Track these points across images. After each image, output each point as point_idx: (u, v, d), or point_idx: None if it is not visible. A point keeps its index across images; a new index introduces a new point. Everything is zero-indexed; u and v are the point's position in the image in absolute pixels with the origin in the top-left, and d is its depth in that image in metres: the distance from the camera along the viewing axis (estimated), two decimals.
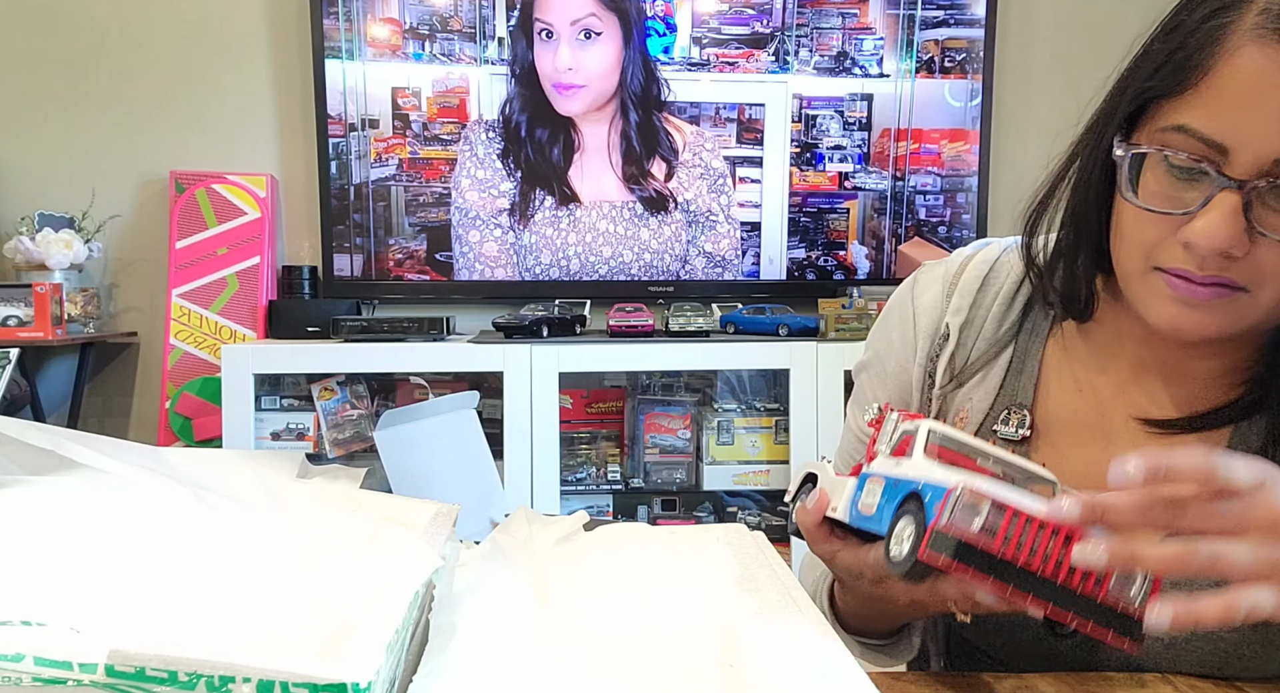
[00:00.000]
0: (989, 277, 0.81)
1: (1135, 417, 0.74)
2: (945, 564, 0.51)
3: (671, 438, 2.41)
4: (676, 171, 2.52)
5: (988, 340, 0.80)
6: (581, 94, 2.47)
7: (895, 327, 0.86)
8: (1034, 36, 2.63)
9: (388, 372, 2.39)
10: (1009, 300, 0.80)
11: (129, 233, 2.54)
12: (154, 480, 0.53)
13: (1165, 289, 0.64)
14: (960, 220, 2.59)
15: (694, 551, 0.65)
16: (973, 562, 0.51)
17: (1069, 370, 0.78)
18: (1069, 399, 0.77)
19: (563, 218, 2.50)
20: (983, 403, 0.79)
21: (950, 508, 0.52)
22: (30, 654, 0.35)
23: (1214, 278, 0.62)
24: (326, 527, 0.54)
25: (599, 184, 2.51)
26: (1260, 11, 0.58)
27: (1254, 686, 0.61)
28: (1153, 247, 0.64)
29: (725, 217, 2.55)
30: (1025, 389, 0.78)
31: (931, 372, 0.82)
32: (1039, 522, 0.51)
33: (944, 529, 0.51)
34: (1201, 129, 0.60)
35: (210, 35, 2.51)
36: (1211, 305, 0.63)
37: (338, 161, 2.44)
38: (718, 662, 0.47)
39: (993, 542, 0.51)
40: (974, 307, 0.80)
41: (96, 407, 2.59)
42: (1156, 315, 0.66)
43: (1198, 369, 0.73)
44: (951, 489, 0.52)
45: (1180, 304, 0.64)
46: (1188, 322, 0.64)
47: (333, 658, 0.36)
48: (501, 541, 0.63)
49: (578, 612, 0.53)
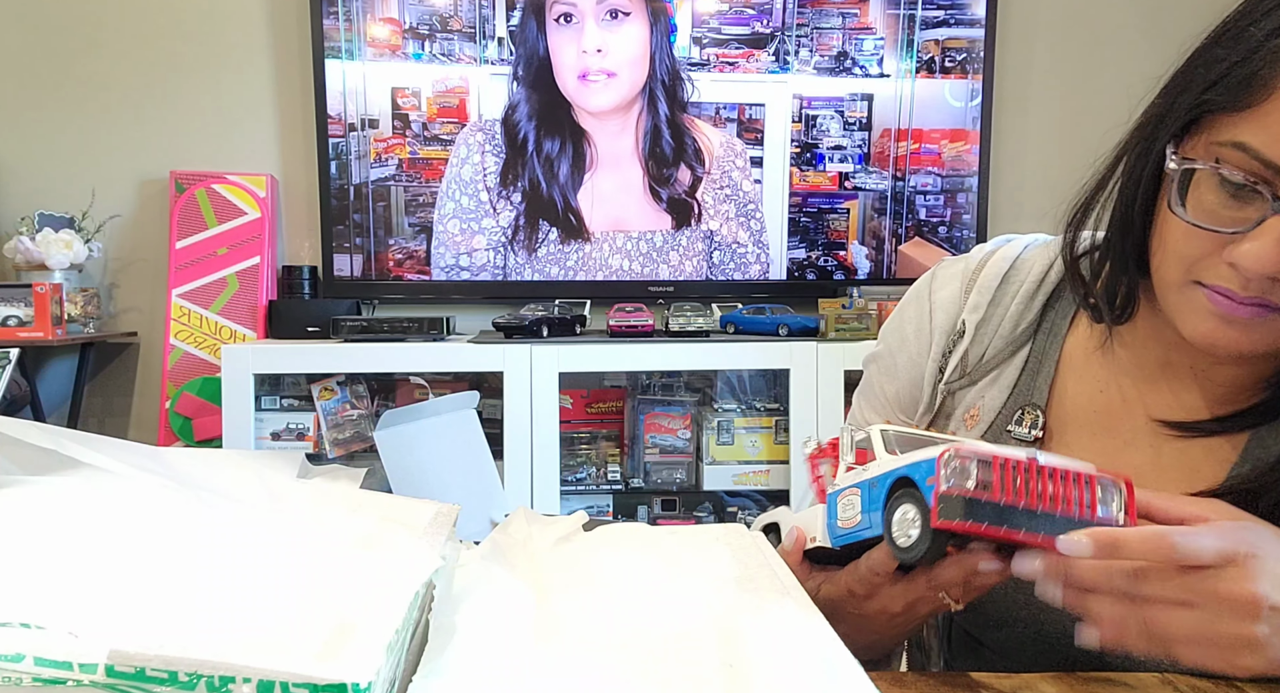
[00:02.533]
0: (1009, 274, 0.81)
1: (1154, 418, 0.74)
2: (960, 527, 0.53)
3: (671, 438, 2.41)
4: (702, 192, 2.49)
5: (1004, 338, 0.79)
6: (612, 86, 2.43)
7: (911, 321, 0.85)
8: (1034, 36, 2.63)
9: (388, 372, 2.39)
10: (1028, 299, 0.79)
11: (129, 233, 2.54)
12: (154, 481, 0.53)
13: (1206, 304, 0.64)
14: (960, 220, 2.59)
15: (693, 551, 0.65)
16: (985, 517, 0.53)
17: (1089, 371, 0.77)
18: (1088, 399, 0.76)
19: (570, 254, 2.48)
20: (995, 402, 0.79)
21: (946, 473, 0.53)
22: (30, 654, 0.35)
23: (1256, 299, 0.61)
24: (326, 527, 0.54)
25: (612, 210, 2.48)
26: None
27: (1254, 686, 0.61)
28: (1196, 261, 0.64)
29: (755, 242, 2.52)
30: (1040, 390, 0.78)
31: (943, 367, 0.81)
32: (1022, 465, 0.53)
33: (948, 493, 0.53)
34: (1262, 149, 0.59)
35: (210, 35, 2.52)
36: (1250, 324, 0.63)
37: (338, 162, 2.44)
38: (717, 662, 0.47)
39: (991, 493, 0.53)
40: (992, 304, 0.80)
41: (96, 407, 2.59)
42: (1193, 329, 0.65)
43: (1224, 376, 0.72)
44: (940, 456, 0.53)
45: (1219, 320, 0.63)
46: (1224, 338, 0.64)
47: (333, 658, 0.36)
48: (501, 541, 0.63)
49: (577, 612, 0.53)
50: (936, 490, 0.53)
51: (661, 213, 2.50)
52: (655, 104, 2.46)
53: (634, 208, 2.50)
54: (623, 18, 2.41)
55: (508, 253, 2.48)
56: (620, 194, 2.49)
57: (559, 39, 2.42)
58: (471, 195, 2.47)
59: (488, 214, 2.47)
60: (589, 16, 2.40)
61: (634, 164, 2.48)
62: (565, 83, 2.44)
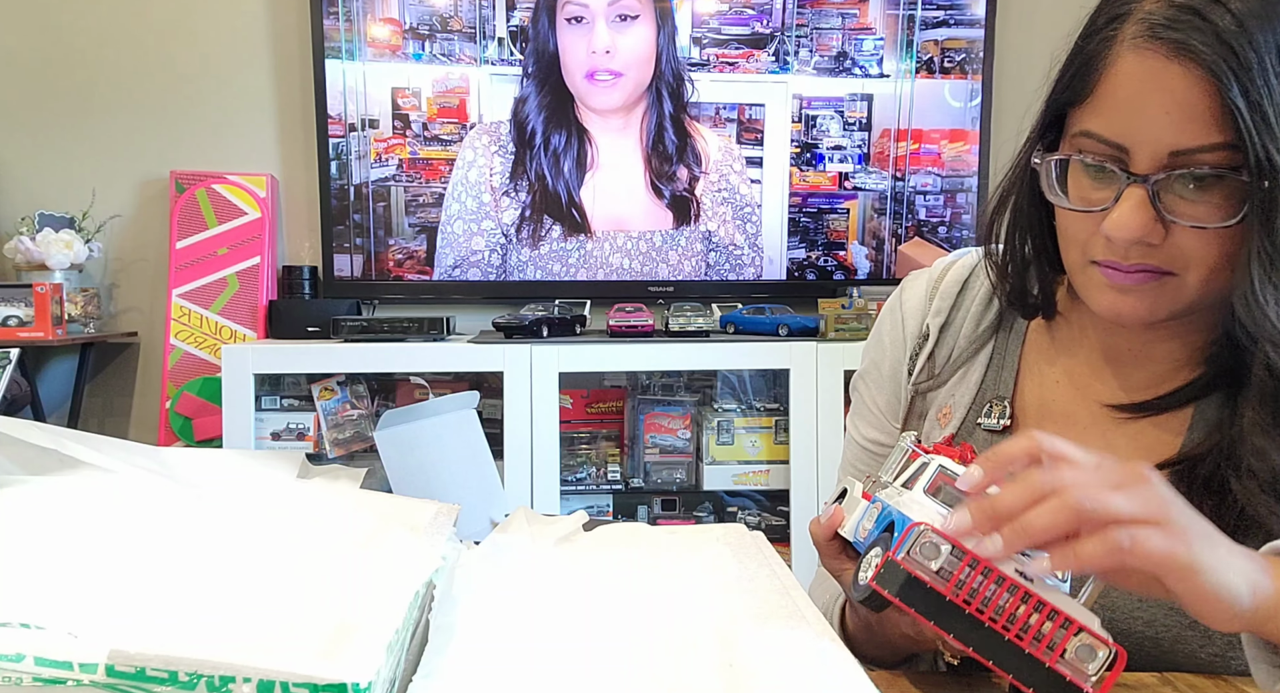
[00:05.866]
0: (969, 280, 0.87)
1: (1104, 403, 0.78)
2: (892, 600, 0.51)
3: (671, 438, 2.41)
4: (701, 192, 2.50)
5: (968, 338, 0.85)
6: (619, 85, 2.44)
7: (887, 332, 0.90)
8: (1034, 36, 2.63)
9: (388, 372, 2.38)
10: (987, 301, 0.85)
11: (129, 233, 2.54)
12: (154, 481, 0.53)
13: (1101, 279, 0.70)
14: (960, 220, 2.59)
15: (693, 551, 0.65)
16: (917, 601, 0.50)
17: (1044, 364, 0.82)
18: (1046, 391, 0.82)
19: (572, 251, 2.49)
20: (965, 397, 0.83)
21: (909, 543, 0.51)
22: (31, 654, 0.35)
23: (1139, 265, 0.68)
24: (326, 527, 0.54)
25: (613, 208, 2.49)
26: (1137, 22, 0.65)
27: (1253, 685, 0.61)
28: (1085, 242, 0.70)
29: (750, 245, 2.53)
30: (1005, 382, 0.83)
31: (911, 370, 0.87)
32: (999, 573, 0.50)
33: (898, 562, 0.51)
34: (1102, 132, 0.67)
35: (210, 35, 2.51)
36: (1142, 290, 0.69)
37: (338, 162, 2.44)
38: (717, 662, 0.47)
39: (945, 584, 0.50)
40: (954, 309, 0.86)
41: (96, 407, 2.59)
42: (1097, 303, 0.71)
43: (1160, 353, 0.77)
44: (914, 525, 0.52)
45: (1115, 291, 0.70)
46: (1124, 306, 0.70)
47: (333, 658, 0.36)
48: (501, 541, 0.64)
49: (577, 612, 0.53)
50: (890, 554, 0.52)
51: (662, 209, 2.50)
52: (660, 103, 2.47)
53: (635, 206, 2.50)
54: (631, 20, 2.42)
55: (508, 252, 2.48)
56: (621, 192, 2.49)
57: (569, 38, 2.42)
58: (475, 196, 2.47)
59: (489, 216, 2.47)
60: (599, 19, 2.40)
61: (636, 161, 2.49)
62: (573, 81, 2.44)
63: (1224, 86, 0.61)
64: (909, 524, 0.52)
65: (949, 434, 0.82)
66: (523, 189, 2.46)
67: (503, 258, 2.49)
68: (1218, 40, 0.62)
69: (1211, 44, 0.62)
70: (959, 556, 0.51)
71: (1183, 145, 0.63)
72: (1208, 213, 0.65)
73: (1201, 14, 0.62)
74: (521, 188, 2.46)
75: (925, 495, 0.57)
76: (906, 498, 0.58)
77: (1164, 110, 0.63)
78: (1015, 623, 0.50)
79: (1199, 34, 0.62)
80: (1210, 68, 0.61)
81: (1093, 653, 0.50)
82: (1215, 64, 0.61)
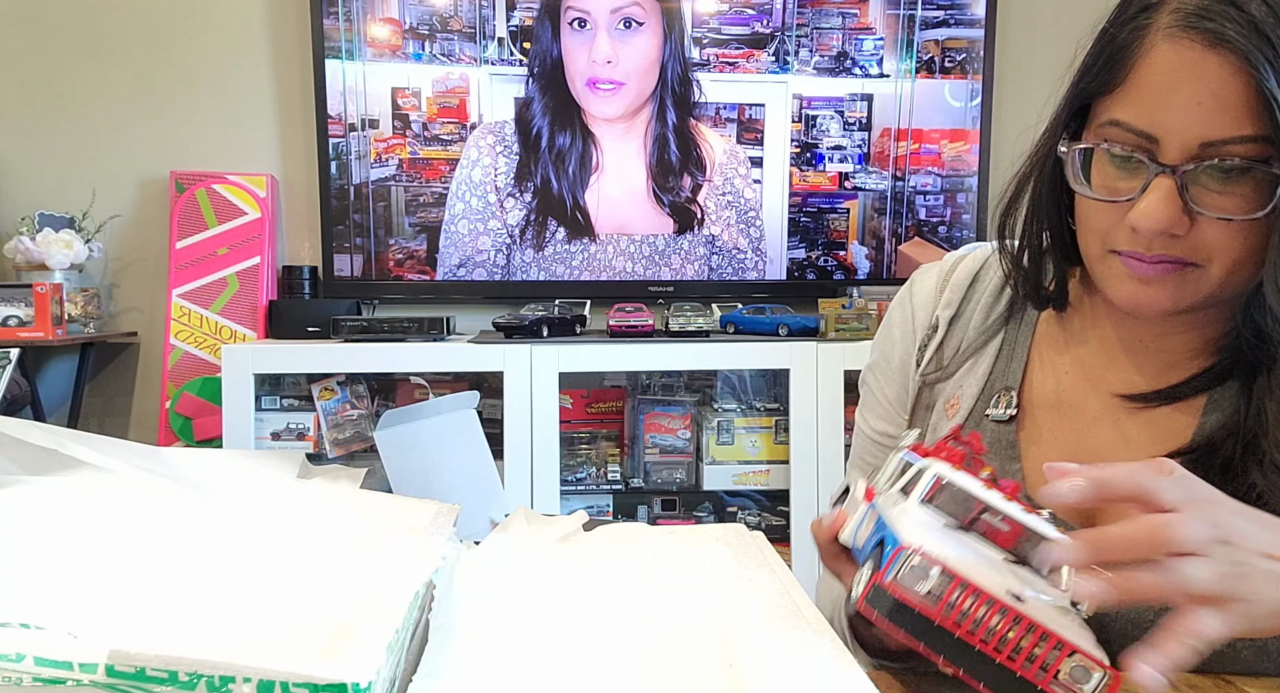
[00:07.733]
0: (979, 273, 0.87)
1: (1115, 393, 0.78)
2: (879, 622, 0.50)
3: (671, 438, 2.41)
4: (704, 197, 2.49)
5: (977, 329, 0.85)
6: (620, 93, 2.43)
7: (897, 325, 0.90)
8: (1034, 36, 2.63)
9: (388, 372, 2.39)
10: (997, 293, 0.85)
11: (129, 233, 2.54)
12: (154, 481, 0.53)
13: (1122, 269, 0.70)
14: (960, 220, 2.59)
15: (693, 551, 0.65)
16: (906, 624, 0.50)
17: (1057, 355, 0.82)
18: (1056, 381, 0.81)
19: (576, 254, 2.49)
20: (974, 389, 0.83)
21: (897, 566, 0.50)
22: (30, 654, 0.35)
23: (1162, 256, 0.67)
24: (326, 527, 0.54)
25: (616, 212, 2.48)
26: (1171, 12, 0.65)
27: (1252, 684, 0.61)
28: (1107, 232, 0.70)
29: (754, 249, 2.53)
30: (1014, 373, 0.82)
31: (919, 361, 0.87)
32: (989, 596, 0.49)
33: (885, 586, 0.50)
34: (1132, 122, 0.66)
35: (210, 35, 2.52)
36: (1164, 281, 0.68)
37: (338, 162, 2.44)
38: (717, 661, 0.47)
39: (934, 608, 0.49)
40: (964, 301, 0.86)
41: (96, 407, 2.59)
42: (1116, 294, 0.71)
43: (1174, 345, 0.76)
44: (903, 547, 0.51)
45: (1136, 282, 0.69)
46: (1144, 297, 0.69)
47: (333, 658, 0.36)
48: (501, 541, 0.64)
49: (577, 612, 0.53)
50: (877, 576, 0.51)
51: (664, 217, 2.50)
52: (664, 112, 2.47)
53: (637, 211, 2.50)
54: (636, 27, 2.41)
55: (510, 253, 2.48)
56: (624, 196, 2.49)
57: (572, 43, 2.42)
58: (480, 196, 2.47)
59: (494, 215, 2.47)
60: (601, 27, 2.40)
61: (639, 168, 2.48)
62: (575, 87, 2.44)
63: (1261, 77, 0.61)
64: (898, 546, 0.51)
65: (956, 425, 0.82)
66: (528, 191, 2.47)
67: (508, 258, 2.49)
68: (1254, 30, 0.61)
69: (1248, 34, 0.61)
70: (949, 578, 0.50)
71: (1213, 136, 0.63)
72: (1235, 205, 0.64)
73: (1236, 4, 0.62)
74: (527, 190, 2.47)
75: (920, 505, 0.56)
76: (900, 509, 0.56)
77: (1196, 100, 0.63)
78: (1006, 645, 0.49)
79: (1234, 24, 0.62)
80: (1247, 58, 0.61)
81: (1087, 674, 0.49)
82: (1251, 54, 0.61)
